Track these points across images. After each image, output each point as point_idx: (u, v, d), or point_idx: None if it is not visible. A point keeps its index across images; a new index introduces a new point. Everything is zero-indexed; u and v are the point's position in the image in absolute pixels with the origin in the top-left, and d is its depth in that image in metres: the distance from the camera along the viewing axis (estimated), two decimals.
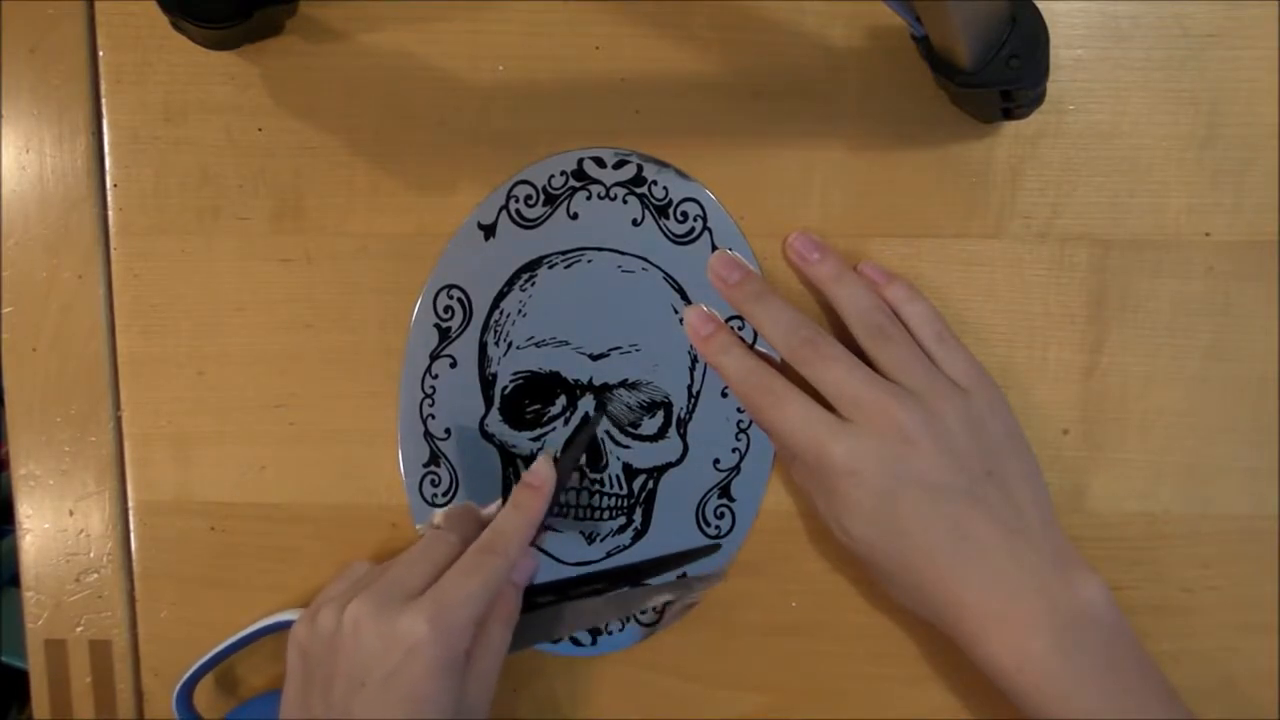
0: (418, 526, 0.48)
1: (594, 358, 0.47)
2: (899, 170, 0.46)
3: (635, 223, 0.47)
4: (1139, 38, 0.45)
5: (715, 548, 0.47)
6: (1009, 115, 0.43)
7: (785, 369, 0.43)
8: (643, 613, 0.48)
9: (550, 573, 0.48)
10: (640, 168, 0.47)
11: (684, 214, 0.47)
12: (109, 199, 0.48)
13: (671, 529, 0.48)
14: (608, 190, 0.47)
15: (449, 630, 0.40)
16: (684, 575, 0.47)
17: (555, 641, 0.47)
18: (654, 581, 0.47)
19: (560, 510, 0.48)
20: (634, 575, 0.47)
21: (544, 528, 0.46)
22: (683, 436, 0.47)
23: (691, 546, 0.47)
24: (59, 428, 0.49)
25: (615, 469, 0.48)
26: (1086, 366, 0.46)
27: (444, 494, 0.48)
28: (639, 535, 0.48)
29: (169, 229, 0.48)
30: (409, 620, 0.39)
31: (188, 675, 0.48)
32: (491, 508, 0.47)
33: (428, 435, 0.48)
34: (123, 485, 0.49)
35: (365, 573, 0.44)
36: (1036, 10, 0.40)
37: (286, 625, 0.46)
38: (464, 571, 0.42)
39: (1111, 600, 0.40)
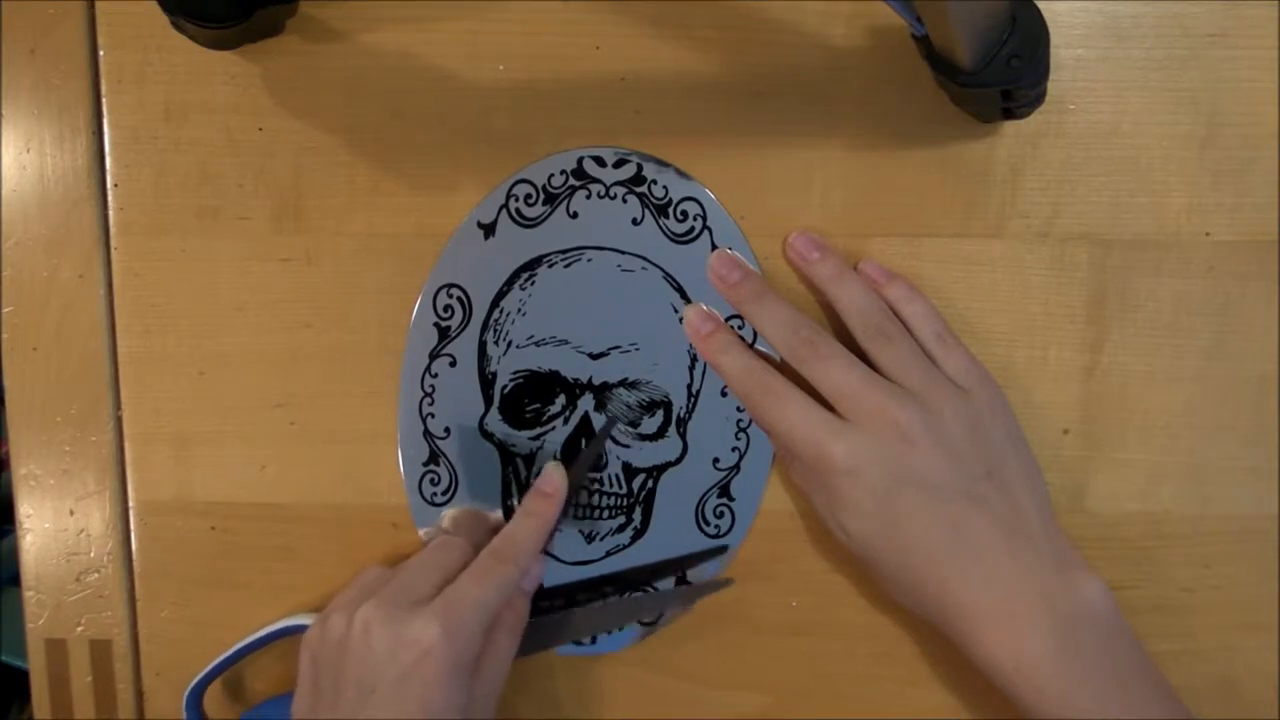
0: (421, 532, 0.48)
1: (593, 357, 0.47)
2: (899, 170, 0.46)
3: (635, 222, 0.47)
4: (1139, 38, 0.45)
5: (722, 549, 0.47)
6: (1009, 115, 0.43)
7: (785, 369, 0.43)
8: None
9: (550, 572, 0.48)
10: (640, 167, 0.47)
11: (684, 213, 0.47)
12: (109, 199, 0.48)
13: (671, 528, 0.48)
14: (607, 189, 0.47)
15: (460, 635, 0.40)
16: (686, 579, 0.47)
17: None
18: (660, 585, 0.47)
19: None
20: (640, 579, 0.47)
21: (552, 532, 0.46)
22: (682, 435, 0.47)
23: (698, 549, 0.47)
24: (59, 427, 0.49)
25: (614, 468, 0.48)
26: (1086, 366, 0.46)
27: (444, 493, 0.48)
28: (638, 534, 0.48)
29: (169, 229, 0.48)
30: (421, 625, 0.40)
31: (198, 679, 0.47)
32: (497, 515, 0.47)
33: (427, 434, 0.48)
34: (123, 485, 0.49)
35: (375, 577, 0.45)
36: (1036, 10, 0.40)
37: (298, 630, 0.46)
38: (476, 577, 0.42)
39: (1111, 601, 0.40)
